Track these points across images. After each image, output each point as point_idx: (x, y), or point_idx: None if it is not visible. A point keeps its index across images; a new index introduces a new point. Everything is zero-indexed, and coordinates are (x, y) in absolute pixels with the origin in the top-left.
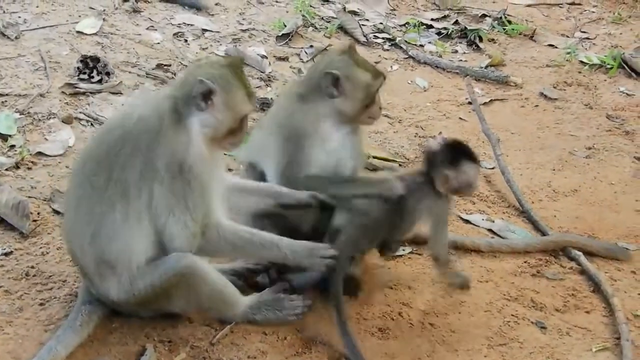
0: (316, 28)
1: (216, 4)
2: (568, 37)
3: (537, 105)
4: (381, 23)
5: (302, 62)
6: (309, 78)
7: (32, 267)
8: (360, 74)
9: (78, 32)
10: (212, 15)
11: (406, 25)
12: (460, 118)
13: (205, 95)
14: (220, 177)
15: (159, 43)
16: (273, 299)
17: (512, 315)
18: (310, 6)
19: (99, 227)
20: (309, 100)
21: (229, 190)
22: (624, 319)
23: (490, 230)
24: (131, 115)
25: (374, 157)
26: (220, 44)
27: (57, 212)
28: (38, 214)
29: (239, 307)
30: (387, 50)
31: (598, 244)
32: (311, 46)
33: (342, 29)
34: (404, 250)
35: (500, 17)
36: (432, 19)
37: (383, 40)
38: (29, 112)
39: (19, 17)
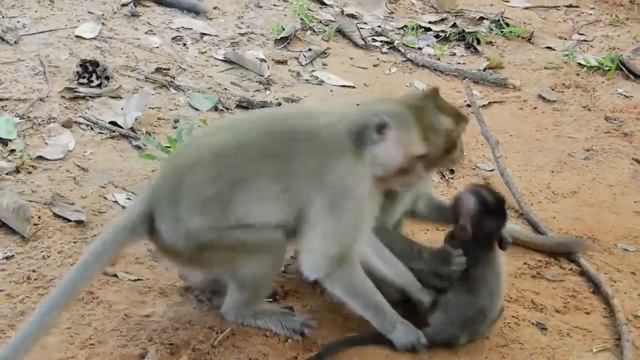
0: (314, 31)
1: (215, 8)
2: (566, 39)
3: (535, 108)
4: (379, 26)
5: (301, 65)
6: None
7: (34, 270)
8: (443, 120)
9: (77, 36)
10: (211, 19)
11: (404, 29)
12: None
13: (379, 128)
14: (373, 215)
15: (157, 47)
16: (280, 311)
17: (513, 316)
18: (309, 10)
19: (247, 183)
20: None
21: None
22: (625, 320)
23: None
24: (321, 117)
25: None
26: (219, 48)
27: (57, 216)
28: (39, 217)
29: (256, 305)
30: (386, 53)
31: (547, 239)
32: (310, 49)
33: (340, 32)
34: None
35: (498, 20)
36: (430, 22)
37: (381, 44)
38: (28, 117)
39: (18, 21)
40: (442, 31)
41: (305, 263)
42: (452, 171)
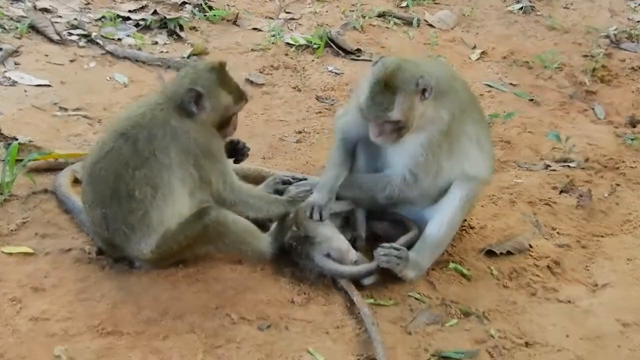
0: (5, 29)
1: None
2: (272, 19)
3: None
4: (75, 19)
5: None
6: (174, 92)
7: None
8: (223, 95)
9: None
10: None
11: (102, 20)
12: None
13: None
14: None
15: None
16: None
17: (227, 314)
18: None
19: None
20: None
21: None
22: (364, 304)
23: None
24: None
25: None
26: None
27: None
28: None
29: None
30: (83, 47)
31: None
32: (0, 49)
33: (33, 28)
34: None
35: (201, 4)
36: (129, 11)
37: (78, 37)
38: None
39: None
40: (143, 19)
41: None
42: None
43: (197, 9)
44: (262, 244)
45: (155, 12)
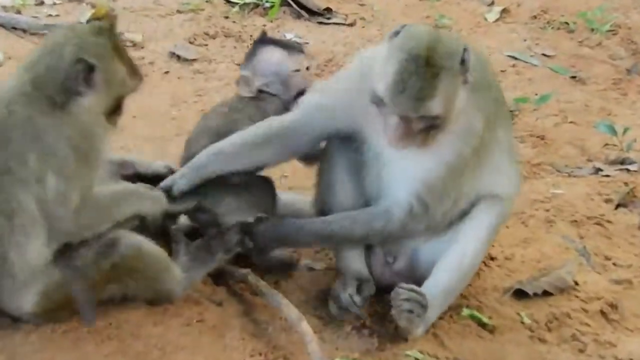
0: None
1: None
2: None
3: (167, 72)
4: None
5: None
6: (48, 68)
7: None
8: (119, 67)
9: None
10: None
11: None
12: None
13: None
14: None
15: None
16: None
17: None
18: None
19: None
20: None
21: None
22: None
23: None
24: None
25: None
26: None
27: None
28: None
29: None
30: None
31: None
32: None
33: None
34: None
35: None
36: None
37: None
38: None
39: None
40: None
41: None
42: None
43: None
44: (174, 279)
45: None
